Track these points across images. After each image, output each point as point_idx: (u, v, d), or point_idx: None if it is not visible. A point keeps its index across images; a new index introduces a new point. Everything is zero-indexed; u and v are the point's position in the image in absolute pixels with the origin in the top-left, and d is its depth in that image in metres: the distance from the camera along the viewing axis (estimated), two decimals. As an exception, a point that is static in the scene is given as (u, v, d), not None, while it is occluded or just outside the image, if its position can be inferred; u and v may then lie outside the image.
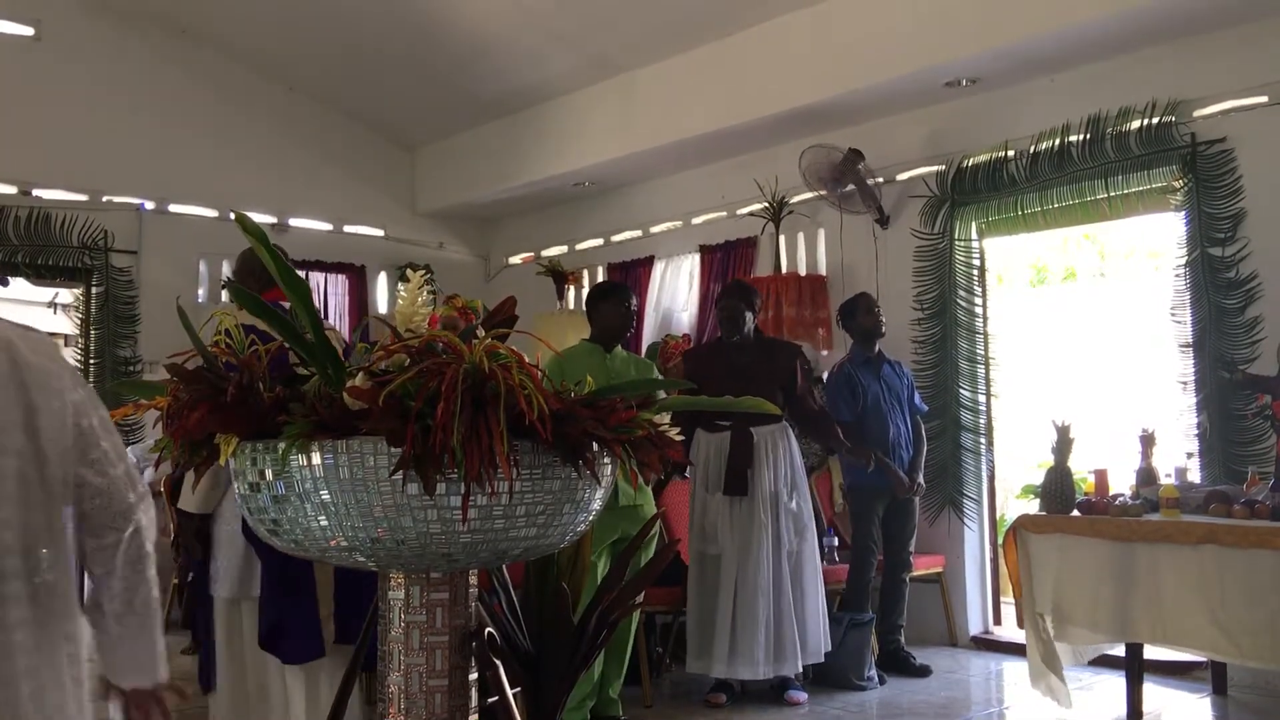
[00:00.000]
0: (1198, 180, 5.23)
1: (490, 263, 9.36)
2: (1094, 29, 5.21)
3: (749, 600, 4.66)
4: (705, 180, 7.53)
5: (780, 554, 4.73)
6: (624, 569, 2.55)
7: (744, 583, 4.68)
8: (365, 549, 1.97)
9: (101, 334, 7.44)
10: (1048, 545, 4.32)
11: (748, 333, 4.96)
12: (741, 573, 4.69)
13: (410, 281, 2.27)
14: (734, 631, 4.67)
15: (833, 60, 6.10)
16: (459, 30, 7.09)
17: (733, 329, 4.94)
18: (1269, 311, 5.03)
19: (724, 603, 4.69)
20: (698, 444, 4.87)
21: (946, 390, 6.09)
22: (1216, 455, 5.09)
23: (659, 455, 2.07)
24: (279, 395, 2.00)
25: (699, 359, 5.26)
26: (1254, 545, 3.73)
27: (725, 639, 4.66)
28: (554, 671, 2.32)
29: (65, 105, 7.35)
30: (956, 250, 6.15)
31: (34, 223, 7.21)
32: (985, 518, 6.15)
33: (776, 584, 4.69)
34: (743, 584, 4.68)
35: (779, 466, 4.80)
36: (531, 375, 1.92)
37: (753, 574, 4.67)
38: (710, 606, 4.73)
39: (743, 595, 4.68)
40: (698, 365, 5.08)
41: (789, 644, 4.67)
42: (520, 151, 8.04)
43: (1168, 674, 5.03)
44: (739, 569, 4.70)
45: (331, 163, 8.56)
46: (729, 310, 4.95)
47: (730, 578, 4.70)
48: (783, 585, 4.70)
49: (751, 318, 4.97)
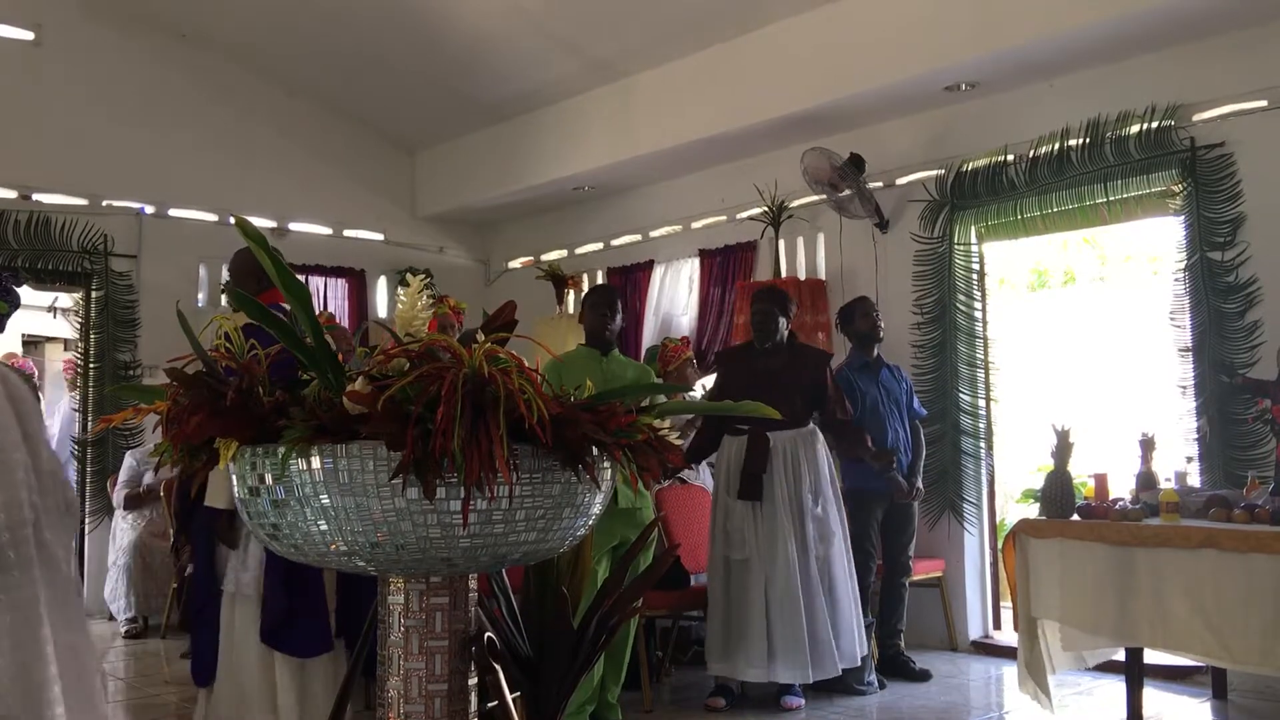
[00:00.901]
0: (1197, 184, 5.23)
1: (490, 267, 9.36)
2: (1093, 33, 5.21)
3: (784, 605, 4.63)
4: (705, 185, 7.53)
5: (808, 559, 4.71)
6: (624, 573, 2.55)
7: (775, 588, 4.65)
8: (365, 553, 1.97)
9: (101, 338, 7.44)
10: (1048, 550, 4.32)
11: (781, 338, 4.95)
12: (770, 578, 4.67)
13: (410, 286, 2.27)
14: (770, 636, 4.63)
15: (832, 65, 6.11)
16: (459, 35, 7.10)
17: (765, 334, 4.93)
18: (1268, 316, 5.03)
19: (755, 607, 4.65)
20: (722, 447, 4.87)
21: (946, 395, 6.09)
22: (1216, 459, 5.09)
23: (659, 459, 2.07)
24: (279, 399, 2.00)
25: (729, 360, 5.25)
26: (1254, 550, 3.72)
27: (761, 643, 4.63)
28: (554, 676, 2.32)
29: (65, 109, 7.36)
30: (956, 255, 6.15)
31: (34, 227, 7.21)
32: (985, 522, 6.15)
33: (809, 590, 4.67)
34: (773, 589, 4.66)
35: (801, 472, 4.77)
36: (531, 380, 1.92)
37: (783, 579, 4.64)
38: (741, 611, 4.69)
39: (777, 600, 4.64)
40: (727, 366, 5.09)
41: (825, 648, 4.65)
42: (520, 156, 8.05)
43: (1168, 679, 5.02)
44: (768, 574, 4.67)
45: (331, 167, 8.57)
46: (762, 315, 4.94)
47: (759, 582, 4.67)
48: (813, 590, 4.68)
49: (785, 323, 4.96)
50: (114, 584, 6.82)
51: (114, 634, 6.77)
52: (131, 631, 6.64)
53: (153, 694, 5.27)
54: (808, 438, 4.85)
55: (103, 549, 7.12)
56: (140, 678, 5.50)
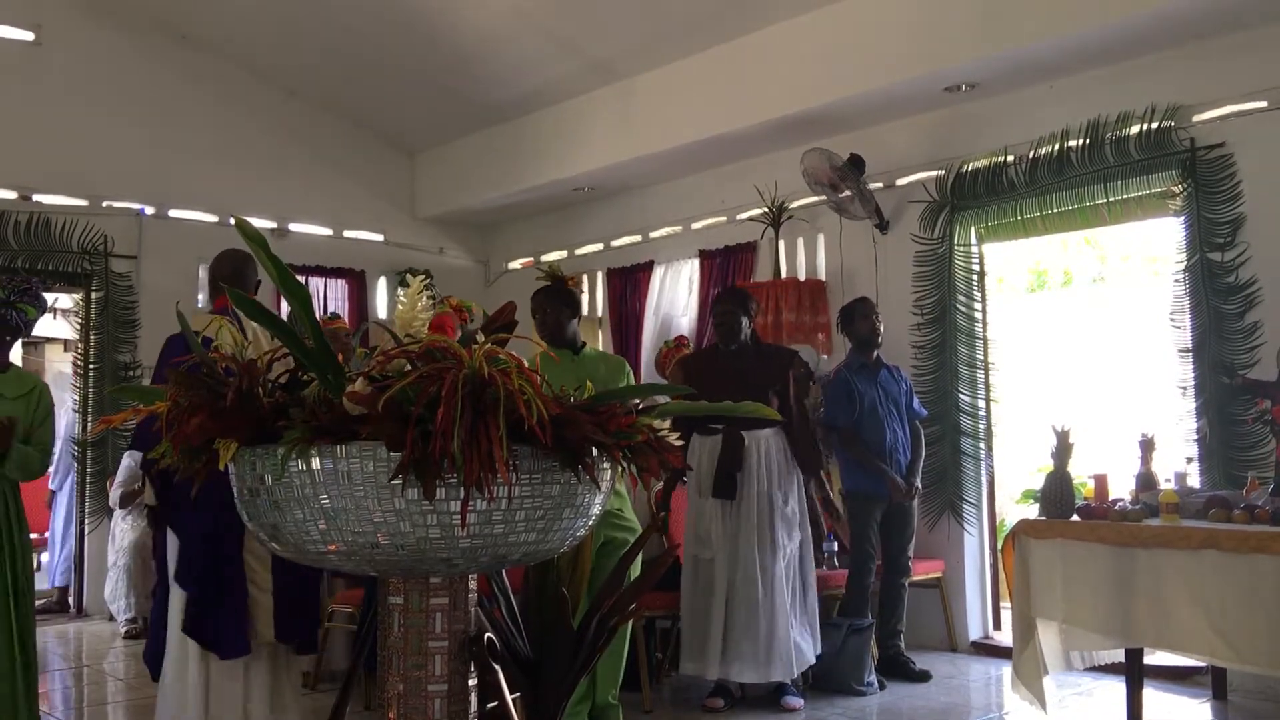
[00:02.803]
0: (1197, 185, 5.23)
1: (490, 268, 9.36)
2: (1093, 35, 5.21)
3: (742, 603, 4.67)
4: (705, 185, 7.54)
5: (775, 558, 4.73)
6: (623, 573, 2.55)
7: (736, 586, 4.69)
8: (365, 554, 1.97)
9: (101, 339, 7.44)
10: (1048, 551, 4.32)
11: (745, 339, 4.95)
12: (733, 576, 4.70)
13: (410, 287, 2.27)
14: (727, 634, 4.67)
15: (832, 66, 6.11)
16: (459, 36, 7.10)
17: (729, 335, 4.93)
18: (1268, 316, 5.03)
19: (717, 605, 4.69)
20: (692, 448, 4.87)
21: (946, 395, 6.09)
22: (1216, 460, 5.09)
23: (658, 460, 2.07)
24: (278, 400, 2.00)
25: (694, 364, 5.25)
26: (1254, 550, 3.72)
27: (718, 641, 4.67)
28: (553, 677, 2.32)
29: (65, 110, 7.36)
30: (956, 255, 6.15)
31: (34, 228, 7.21)
32: (985, 523, 6.15)
33: (769, 589, 4.69)
34: (734, 587, 4.69)
35: (772, 469, 4.80)
36: (531, 380, 1.92)
37: (745, 577, 4.68)
38: (704, 609, 4.73)
39: (735, 598, 4.68)
40: (693, 370, 5.06)
41: (781, 649, 4.66)
42: (520, 157, 8.04)
43: (1168, 679, 5.02)
44: (730, 572, 4.70)
45: (331, 168, 8.57)
46: (725, 316, 4.95)
47: (723, 581, 4.70)
48: (777, 588, 4.70)
49: (748, 323, 4.97)
50: (114, 584, 6.82)
51: (114, 634, 6.77)
52: (131, 632, 6.64)
53: (152, 695, 5.23)
54: (776, 434, 4.86)
55: (102, 550, 7.11)
56: (140, 678, 5.49)
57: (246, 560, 3.69)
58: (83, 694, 5.61)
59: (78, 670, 6.15)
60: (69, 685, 5.77)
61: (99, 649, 6.55)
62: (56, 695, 5.45)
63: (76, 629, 7.16)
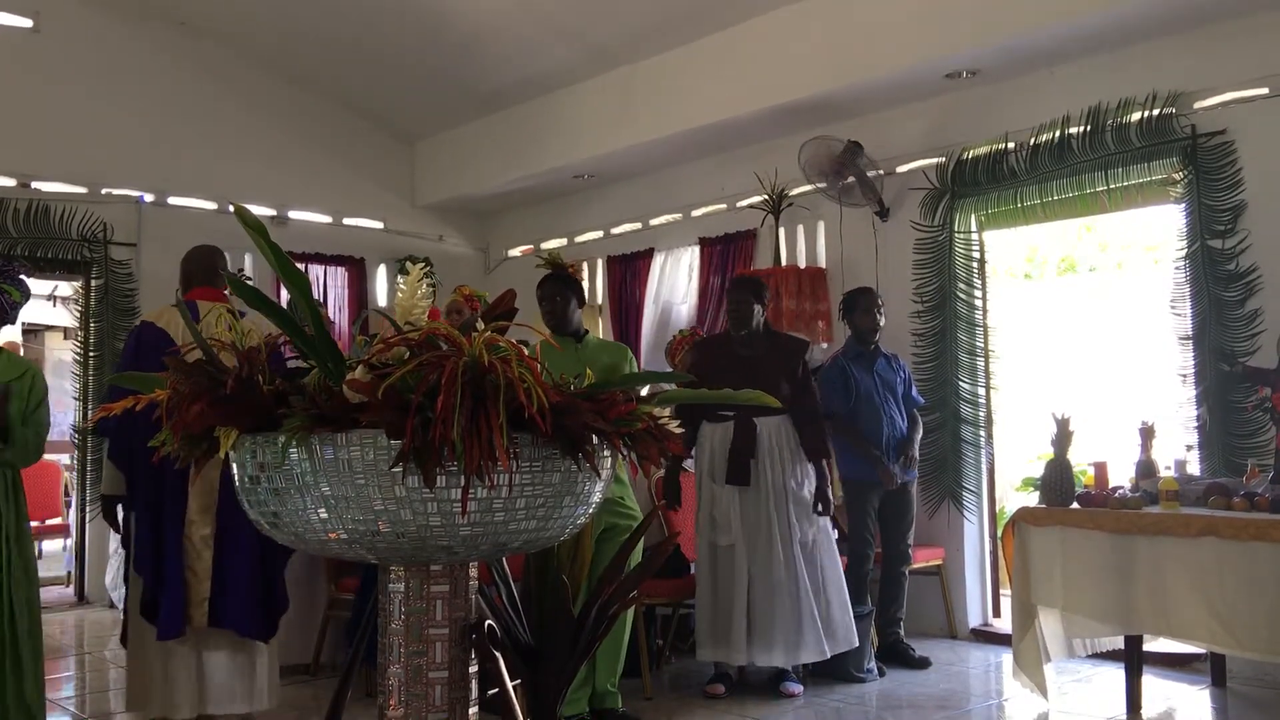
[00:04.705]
0: (1198, 172, 5.22)
1: (490, 255, 9.35)
2: (1094, 21, 5.20)
3: (767, 590, 4.66)
4: (705, 173, 7.52)
5: (793, 543, 4.73)
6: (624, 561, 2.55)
7: (759, 572, 4.69)
8: (365, 542, 1.97)
9: (101, 326, 7.44)
10: (1048, 538, 4.32)
11: (756, 326, 4.95)
12: (755, 563, 4.70)
13: (410, 274, 2.26)
14: (751, 620, 4.67)
15: (833, 53, 6.10)
16: (459, 22, 7.08)
17: (741, 323, 4.93)
18: (1269, 304, 5.03)
19: (740, 593, 4.68)
20: (702, 435, 4.87)
21: (946, 383, 6.09)
22: (1216, 448, 5.09)
23: (659, 448, 2.07)
24: (279, 388, 2.00)
25: (705, 350, 5.25)
26: (1253, 538, 3.73)
27: (741, 626, 4.67)
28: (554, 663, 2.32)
29: (64, 97, 7.34)
30: (956, 243, 6.14)
31: (33, 215, 7.20)
32: (985, 510, 6.16)
33: (792, 573, 4.69)
34: (757, 574, 4.69)
35: (785, 456, 4.80)
36: (531, 368, 1.92)
37: (766, 564, 4.68)
38: (726, 597, 4.72)
39: (759, 585, 4.68)
40: (704, 356, 5.08)
41: (809, 632, 4.67)
42: (520, 144, 8.03)
43: (1167, 666, 5.03)
44: (751, 559, 4.70)
45: (331, 155, 8.55)
46: (738, 304, 4.94)
47: (744, 568, 4.70)
48: (798, 574, 4.70)
49: (760, 311, 4.97)
50: (115, 573, 6.82)
51: (114, 621, 6.77)
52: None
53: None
54: (787, 423, 4.86)
55: (103, 538, 7.12)
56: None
57: (185, 546, 3.80)
58: (84, 681, 5.63)
59: (79, 657, 6.17)
60: (70, 672, 5.79)
61: (100, 636, 6.57)
62: (58, 682, 5.47)
63: (78, 616, 7.18)
